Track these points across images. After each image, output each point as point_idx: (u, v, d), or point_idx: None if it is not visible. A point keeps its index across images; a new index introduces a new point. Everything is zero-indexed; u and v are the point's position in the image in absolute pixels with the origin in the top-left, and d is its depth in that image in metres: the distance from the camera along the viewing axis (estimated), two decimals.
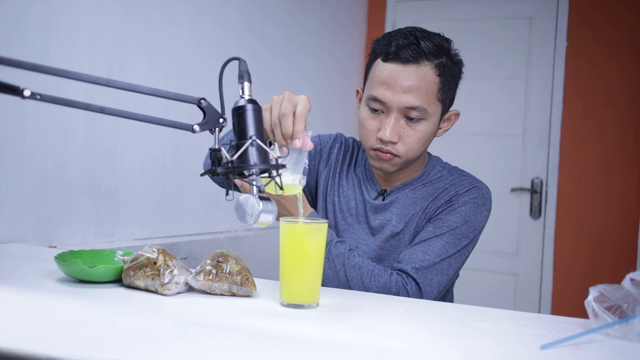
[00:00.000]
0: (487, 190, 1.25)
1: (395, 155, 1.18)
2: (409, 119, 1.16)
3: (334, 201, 1.33)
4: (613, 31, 2.94)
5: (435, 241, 1.18)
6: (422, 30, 1.17)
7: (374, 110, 1.18)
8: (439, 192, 1.24)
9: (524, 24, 3.14)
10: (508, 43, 3.15)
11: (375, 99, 1.16)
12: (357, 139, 1.39)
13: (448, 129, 1.28)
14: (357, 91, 1.30)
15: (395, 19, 3.37)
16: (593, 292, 0.79)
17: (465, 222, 1.19)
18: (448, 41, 1.19)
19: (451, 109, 1.25)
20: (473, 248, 1.24)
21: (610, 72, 2.95)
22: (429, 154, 1.33)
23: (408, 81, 1.13)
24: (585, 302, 0.79)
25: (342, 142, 1.40)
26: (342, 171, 1.36)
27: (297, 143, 0.94)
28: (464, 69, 1.24)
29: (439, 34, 1.19)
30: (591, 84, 2.99)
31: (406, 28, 1.19)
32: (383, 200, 1.28)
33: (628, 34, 2.91)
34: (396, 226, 1.25)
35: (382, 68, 1.16)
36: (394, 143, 1.16)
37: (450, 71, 1.18)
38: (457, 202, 1.21)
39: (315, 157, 1.37)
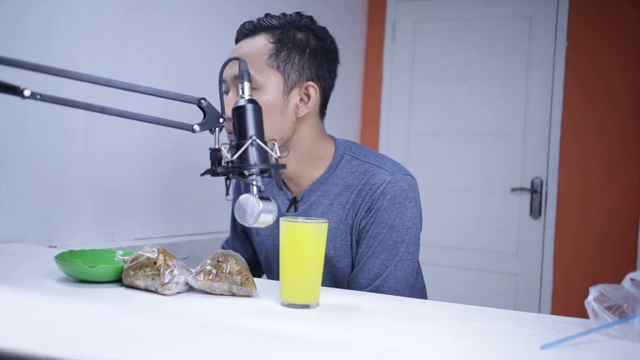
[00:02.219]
0: (405, 180, 1.13)
1: None
2: None
3: (265, 245, 1.25)
4: (613, 30, 2.94)
5: (372, 262, 1.11)
6: (278, 14, 1.14)
7: (226, 95, 1.12)
8: (354, 194, 1.13)
9: (524, 24, 3.14)
10: (508, 43, 3.15)
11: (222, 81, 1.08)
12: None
13: (311, 106, 1.13)
14: None
15: (396, 19, 3.37)
16: (593, 292, 0.79)
17: (391, 228, 1.10)
18: (307, 17, 1.15)
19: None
20: (418, 244, 1.15)
21: (610, 72, 2.95)
22: (334, 140, 1.21)
23: (237, 52, 1.11)
24: (585, 302, 0.79)
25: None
26: None
27: None
28: (463, 69, 1.21)
29: (298, 13, 1.15)
30: (592, 83, 2.99)
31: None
32: (295, 210, 1.18)
33: (628, 33, 2.91)
34: None
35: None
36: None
37: (294, 41, 1.11)
38: (377, 209, 1.11)
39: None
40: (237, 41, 1.16)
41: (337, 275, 1.17)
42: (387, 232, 1.11)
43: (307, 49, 1.12)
